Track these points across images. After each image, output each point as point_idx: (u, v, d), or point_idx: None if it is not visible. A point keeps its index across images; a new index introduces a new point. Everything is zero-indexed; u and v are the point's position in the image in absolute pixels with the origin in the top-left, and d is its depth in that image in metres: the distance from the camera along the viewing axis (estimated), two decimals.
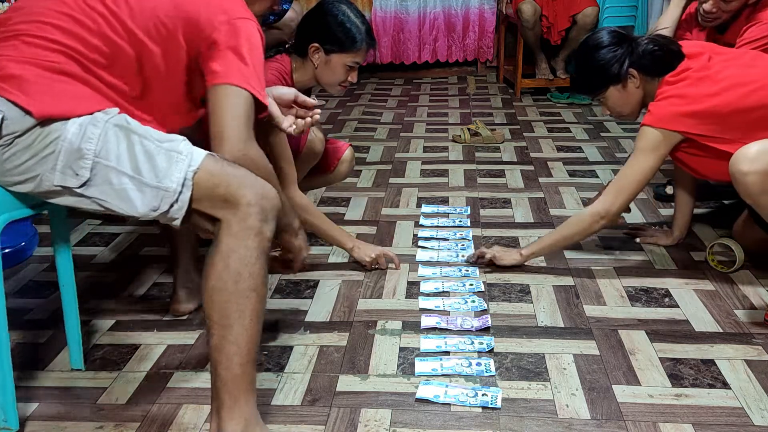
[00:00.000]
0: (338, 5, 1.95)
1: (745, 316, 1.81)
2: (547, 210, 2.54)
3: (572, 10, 4.05)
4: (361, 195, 2.73)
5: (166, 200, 1.25)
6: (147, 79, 1.37)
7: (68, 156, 1.23)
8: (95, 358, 1.69)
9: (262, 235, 1.25)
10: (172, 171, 1.25)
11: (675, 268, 2.09)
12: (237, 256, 1.23)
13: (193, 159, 1.26)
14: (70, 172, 1.24)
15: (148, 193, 1.25)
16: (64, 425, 1.46)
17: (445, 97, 4.40)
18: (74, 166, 1.24)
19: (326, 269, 2.13)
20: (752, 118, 1.75)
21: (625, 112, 1.98)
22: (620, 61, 1.88)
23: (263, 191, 1.27)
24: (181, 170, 1.24)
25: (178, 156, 1.26)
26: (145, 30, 1.33)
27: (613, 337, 1.73)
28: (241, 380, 1.26)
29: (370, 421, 1.44)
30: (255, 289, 1.25)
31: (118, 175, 1.25)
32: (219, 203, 1.25)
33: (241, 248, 1.24)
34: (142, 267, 2.16)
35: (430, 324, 1.79)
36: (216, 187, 1.25)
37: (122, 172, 1.25)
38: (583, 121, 3.74)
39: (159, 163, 1.25)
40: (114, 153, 1.25)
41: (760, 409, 1.45)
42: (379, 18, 4.71)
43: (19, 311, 1.91)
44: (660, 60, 1.87)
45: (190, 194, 1.25)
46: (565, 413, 1.46)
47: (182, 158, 1.25)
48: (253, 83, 1.34)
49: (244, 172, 1.28)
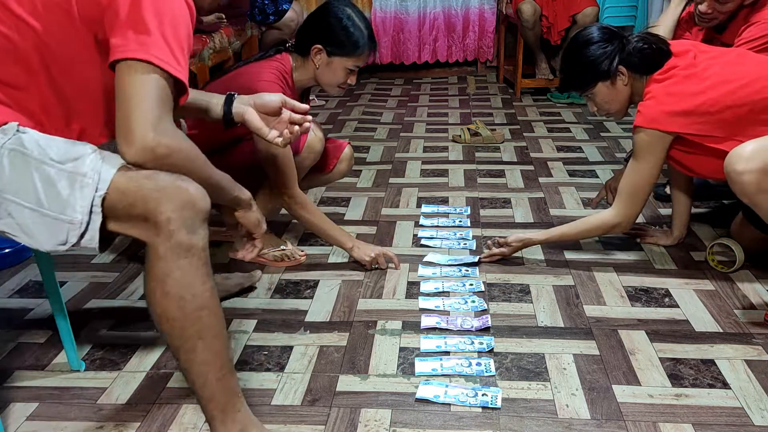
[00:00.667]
0: (343, 8, 1.95)
1: (745, 316, 1.81)
2: (547, 210, 2.54)
3: (572, 10, 4.05)
4: (361, 195, 2.73)
5: (72, 233, 1.13)
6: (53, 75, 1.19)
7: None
8: (95, 358, 1.69)
9: (194, 248, 1.14)
10: (76, 199, 1.12)
11: (675, 268, 2.09)
12: (173, 281, 1.14)
13: (100, 180, 1.12)
14: None
15: (53, 227, 1.12)
16: (64, 425, 1.46)
17: (445, 97, 4.40)
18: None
19: (326, 269, 2.13)
20: (740, 114, 1.76)
21: (612, 110, 1.99)
22: (610, 57, 1.89)
23: (184, 199, 1.13)
24: (86, 197, 1.12)
25: (83, 180, 1.12)
26: (31, 11, 1.15)
27: (613, 337, 1.73)
28: (223, 392, 1.23)
29: (370, 421, 1.44)
30: (204, 306, 1.17)
31: (19, 209, 1.12)
32: (139, 223, 1.14)
33: (175, 271, 1.13)
34: (142, 267, 2.15)
35: (430, 324, 1.79)
36: (131, 207, 1.13)
37: (22, 205, 1.12)
38: (583, 121, 3.74)
39: (61, 191, 1.12)
40: (12, 184, 1.12)
41: (760, 409, 1.45)
42: (379, 18, 4.71)
43: (19, 311, 1.91)
44: (649, 58, 1.88)
45: (100, 221, 1.13)
46: (565, 413, 1.46)
47: (87, 182, 1.12)
48: (160, 54, 1.11)
49: (160, 183, 1.12)
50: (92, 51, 1.19)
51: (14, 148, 1.13)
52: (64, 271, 2.10)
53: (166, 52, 1.12)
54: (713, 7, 2.16)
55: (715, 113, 1.77)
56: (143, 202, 1.12)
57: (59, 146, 1.16)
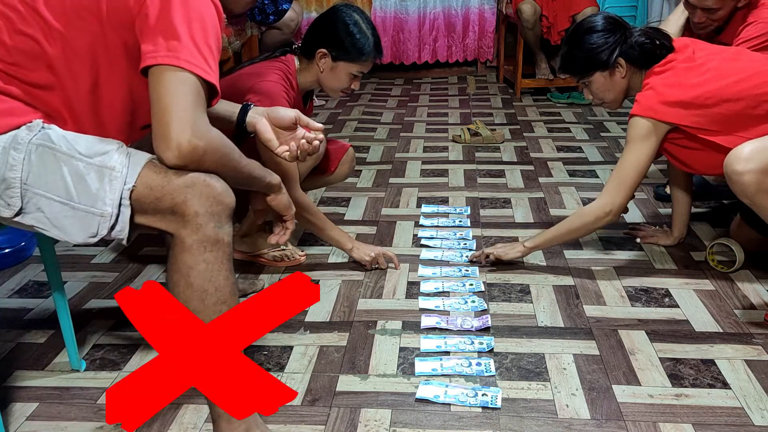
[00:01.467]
0: (351, 13, 1.94)
1: (745, 316, 1.81)
2: (547, 210, 2.54)
3: (572, 10, 4.05)
4: (361, 195, 2.73)
5: (103, 225, 1.16)
6: (78, 78, 1.21)
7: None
8: (95, 358, 1.69)
9: (219, 242, 1.17)
10: (106, 192, 1.15)
11: (675, 268, 2.09)
12: (197, 273, 1.17)
13: (128, 174, 1.15)
14: (1, 202, 1.15)
15: (84, 220, 1.16)
16: (64, 425, 1.46)
17: (445, 97, 4.40)
18: (4, 196, 1.15)
19: (326, 269, 2.13)
20: (736, 109, 1.76)
21: (607, 100, 1.99)
22: (611, 48, 1.89)
23: (212, 194, 1.16)
24: (115, 190, 1.15)
25: (111, 173, 1.15)
26: (60, 14, 1.17)
27: (613, 337, 1.73)
28: None
29: (370, 421, 1.44)
30: (224, 301, 1.20)
31: (49, 203, 1.15)
32: (168, 216, 1.16)
33: (200, 263, 1.16)
34: (142, 267, 2.16)
35: (430, 324, 1.79)
36: (159, 201, 1.15)
37: (52, 199, 1.15)
38: (583, 121, 3.75)
39: (90, 185, 1.15)
40: (41, 179, 1.15)
41: (760, 409, 1.45)
42: (379, 18, 4.71)
43: (19, 311, 1.91)
44: (649, 53, 1.88)
45: (129, 213, 1.16)
46: (565, 413, 1.46)
47: (116, 175, 1.15)
48: (190, 58, 1.12)
49: (187, 178, 1.15)
50: (119, 56, 1.21)
51: (42, 144, 1.15)
52: (64, 271, 2.10)
53: (196, 56, 1.13)
54: (706, 17, 2.20)
55: (711, 106, 1.77)
56: (171, 196, 1.14)
57: (86, 141, 1.18)
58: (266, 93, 1.81)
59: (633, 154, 1.88)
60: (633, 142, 1.87)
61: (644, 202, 2.59)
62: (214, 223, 1.16)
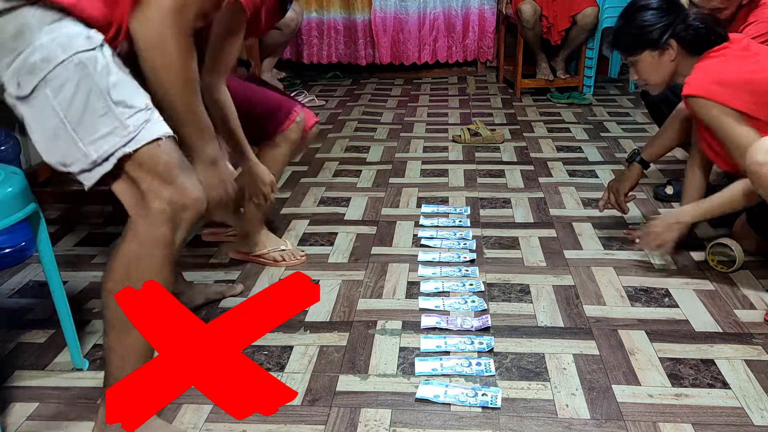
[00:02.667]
0: None
1: (745, 316, 1.81)
2: (547, 210, 2.54)
3: (572, 10, 4.05)
4: (361, 195, 2.73)
5: (78, 163, 1.16)
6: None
7: (23, 63, 1.12)
8: (95, 358, 1.69)
9: (171, 245, 1.19)
10: (104, 142, 1.14)
11: (675, 268, 2.09)
12: (140, 265, 1.18)
13: (134, 140, 1.15)
14: (15, 80, 1.14)
15: (66, 147, 1.15)
16: (64, 425, 1.46)
17: (445, 97, 4.40)
18: (21, 76, 1.13)
19: (326, 269, 2.13)
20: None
21: (652, 81, 1.98)
22: (663, 28, 1.88)
23: (186, 200, 1.18)
24: (113, 145, 1.15)
25: (122, 130, 1.15)
26: None
27: (613, 337, 1.73)
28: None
29: (370, 421, 1.44)
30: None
31: (51, 112, 1.14)
32: (136, 197, 1.18)
33: (146, 257, 1.18)
34: None
35: (430, 324, 1.79)
36: (138, 181, 1.17)
37: (56, 112, 1.14)
38: (583, 121, 3.75)
39: (97, 126, 1.14)
40: (60, 89, 1.14)
41: (760, 409, 1.46)
42: (379, 18, 4.71)
43: (19, 311, 1.92)
44: (703, 39, 1.87)
45: (105, 171, 1.16)
46: (565, 413, 1.46)
47: (123, 134, 1.15)
48: None
49: (171, 176, 1.17)
50: None
51: (83, 62, 1.14)
52: (65, 271, 2.10)
53: None
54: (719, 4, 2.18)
55: (761, 93, 1.77)
56: (150, 182, 1.16)
57: (123, 87, 1.17)
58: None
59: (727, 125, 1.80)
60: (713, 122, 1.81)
61: (644, 202, 2.59)
62: (173, 225, 1.18)
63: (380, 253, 2.22)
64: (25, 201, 1.42)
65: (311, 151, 3.28)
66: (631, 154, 2.26)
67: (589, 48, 4.26)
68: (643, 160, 2.23)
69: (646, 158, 2.22)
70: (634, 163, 2.24)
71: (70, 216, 2.57)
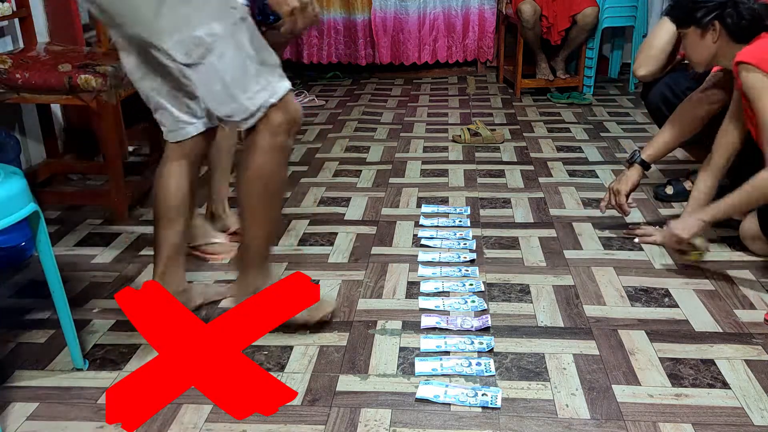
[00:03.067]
0: None
1: (745, 316, 1.81)
2: (547, 210, 2.54)
3: (572, 10, 4.05)
4: (361, 195, 2.73)
5: (239, 114, 1.51)
6: None
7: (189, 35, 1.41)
8: (95, 358, 1.69)
9: (288, 151, 1.61)
10: (258, 96, 1.49)
11: (675, 268, 2.09)
12: (268, 169, 1.57)
13: (276, 93, 1.51)
14: (182, 48, 1.43)
15: (231, 105, 1.49)
16: (64, 425, 1.46)
17: (445, 97, 4.40)
18: (188, 46, 1.42)
19: (326, 269, 2.13)
20: None
21: (693, 59, 2.01)
22: (709, 8, 1.89)
23: (296, 117, 1.56)
24: (264, 99, 1.50)
25: (268, 85, 1.50)
26: None
27: (613, 337, 1.73)
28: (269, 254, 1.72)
29: (370, 421, 1.44)
30: (278, 193, 1.67)
31: (217, 78, 1.46)
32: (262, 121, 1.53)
33: (271, 164, 1.57)
34: (142, 267, 2.16)
35: (430, 324, 1.79)
36: (269, 114, 1.52)
37: (221, 77, 1.46)
38: (583, 121, 3.75)
39: (251, 85, 1.48)
40: (222, 58, 1.44)
41: (760, 409, 1.46)
42: (378, 18, 4.70)
43: (19, 311, 1.91)
44: (746, 30, 1.87)
45: (259, 118, 1.52)
46: (565, 413, 1.46)
47: (269, 89, 1.50)
48: None
49: (292, 103, 1.55)
50: None
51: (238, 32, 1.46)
52: (64, 271, 2.10)
53: None
54: None
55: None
56: (276, 112, 1.52)
57: (264, 50, 1.51)
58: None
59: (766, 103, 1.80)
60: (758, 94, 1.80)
61: (644, 202, 2.59)
62: (291, 136, 1.58)
63: (380, 253, 2.22)
64: (25, 201, 1.42)
65: (311, 151, 3.29)
66: (632, 155, 2.26)
67: (589, 48, 4.26)
68: (643, 161, 2.23)
69: (647, 159, 2.22)
70: (635, 164, 2.24)
71: (70, 216, 2.57)
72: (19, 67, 2.28)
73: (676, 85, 2.33)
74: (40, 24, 2.84)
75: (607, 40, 4.71)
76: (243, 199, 1.62)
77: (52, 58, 2.37)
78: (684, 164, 2.90)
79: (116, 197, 2.47)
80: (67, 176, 2.91)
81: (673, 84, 2.34)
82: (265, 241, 1.69)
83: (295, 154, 3.21)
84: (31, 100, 2.36)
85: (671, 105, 2.26)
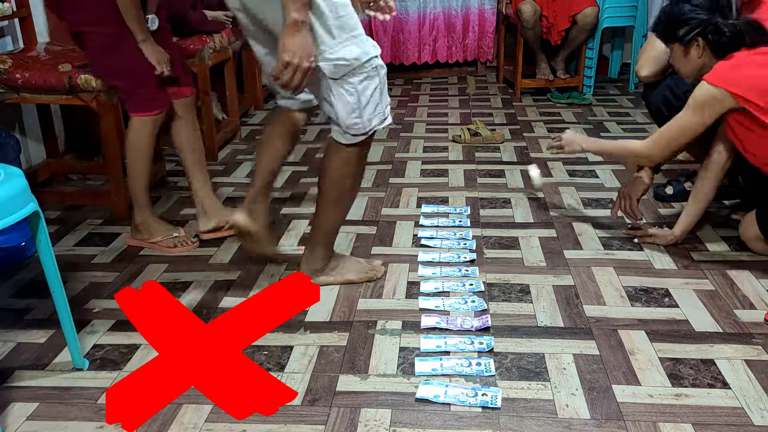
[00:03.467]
0: None
1: (745, 316, 1.81)
2: (547, 210, 2.54)
3: (572, 10, 4.05)
4: (361, 195, 2.73)
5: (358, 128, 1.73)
6: None
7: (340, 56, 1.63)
8: (95, 358, 1.69)
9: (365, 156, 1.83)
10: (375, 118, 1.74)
11: (675, 268, 2.09)
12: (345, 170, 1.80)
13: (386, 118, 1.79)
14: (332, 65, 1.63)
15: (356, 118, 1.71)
16: (64, 425, 1.46)
17: (445, 97, 4.40)
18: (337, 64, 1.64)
19: None
20: None
21: (682, 72, 2.05)
22: (692, 26, 1.92)
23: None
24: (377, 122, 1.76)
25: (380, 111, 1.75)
26: None
27: (613, 337, 1.73)
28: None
29: (370, 421, 1.44)
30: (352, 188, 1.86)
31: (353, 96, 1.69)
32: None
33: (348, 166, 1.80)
34: (142, 267, 2.16)
35: (430, 324, 1.79)
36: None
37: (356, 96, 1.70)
38: (583, 121, 3.75)
39: (374, 109, 1.73)
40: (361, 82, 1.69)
41: (760, 409, 1.46)
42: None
43: (19, 311, 1.92)
44: (726, 45, 1.90)
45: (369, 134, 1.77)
46: (565, 413, 1.46)
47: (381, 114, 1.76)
48: None
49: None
50: None
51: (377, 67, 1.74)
52: (64, 271, 2.10)
53: None
54: None
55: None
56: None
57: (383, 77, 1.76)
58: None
59: (684, 118, 1.95)
60: (689, 107, 1.93)
61: (644, 202, 2.59)
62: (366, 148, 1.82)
63: (380, 253, 2.22)
64: (25, 201, 1.42)
65: (311, 152, 3.29)
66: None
67: (589, 48, 4.26)
68: None
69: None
70: (645, 168, 2.24)
71: (70, 216, 2.57)
72: (19, 67, 2.28)
73: (678, 86, 2.32)
74: (40, 24, 2.84)
75: (607, 40, 4.71)
76: (323, 190, 1.85)
77: (52, 58, 2.38)
78: (684, 164, 2.91)
79: (116, 197, 2.47)
80: (67, 176, 2.91)
81: (674, 86, 2.33)
82: (335, 225, 1.95)
83: (296, 155, 3.21)
84: (31, 100, 2.37)
85: (672, 106, 2.26)
